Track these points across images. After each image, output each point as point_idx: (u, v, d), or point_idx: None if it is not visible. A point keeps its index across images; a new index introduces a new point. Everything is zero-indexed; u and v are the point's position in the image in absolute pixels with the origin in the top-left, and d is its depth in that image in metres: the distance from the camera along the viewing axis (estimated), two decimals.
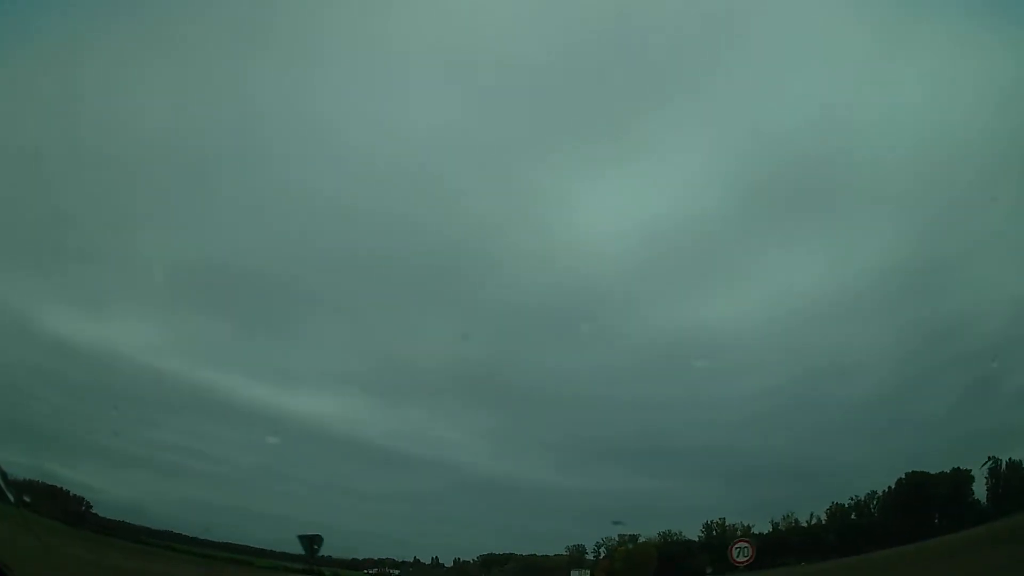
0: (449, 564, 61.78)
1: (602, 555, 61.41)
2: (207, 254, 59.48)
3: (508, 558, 61.41)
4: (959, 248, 53.35)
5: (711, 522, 56.68)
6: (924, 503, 43.48)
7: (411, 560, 60.49)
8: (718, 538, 53.91)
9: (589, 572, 59.11)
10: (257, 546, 54.52)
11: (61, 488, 41.30)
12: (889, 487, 47.31)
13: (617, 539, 60.50)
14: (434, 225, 62.03)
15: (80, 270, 55.59)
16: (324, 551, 53.38)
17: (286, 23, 57.57)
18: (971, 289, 52.36)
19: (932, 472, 44.98)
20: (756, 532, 53.58)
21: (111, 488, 48.08)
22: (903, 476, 45.87)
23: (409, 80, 62.13)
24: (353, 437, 62.73)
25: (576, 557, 61.61)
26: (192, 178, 60.11)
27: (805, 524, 52.66)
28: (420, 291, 62.44)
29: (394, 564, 60.26)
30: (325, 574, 54.20)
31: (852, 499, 50.47)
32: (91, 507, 44.56)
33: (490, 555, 61.81)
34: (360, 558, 58.86)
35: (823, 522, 51.92)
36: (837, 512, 51.61)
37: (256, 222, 61.42)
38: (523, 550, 61.32)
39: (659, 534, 58.42)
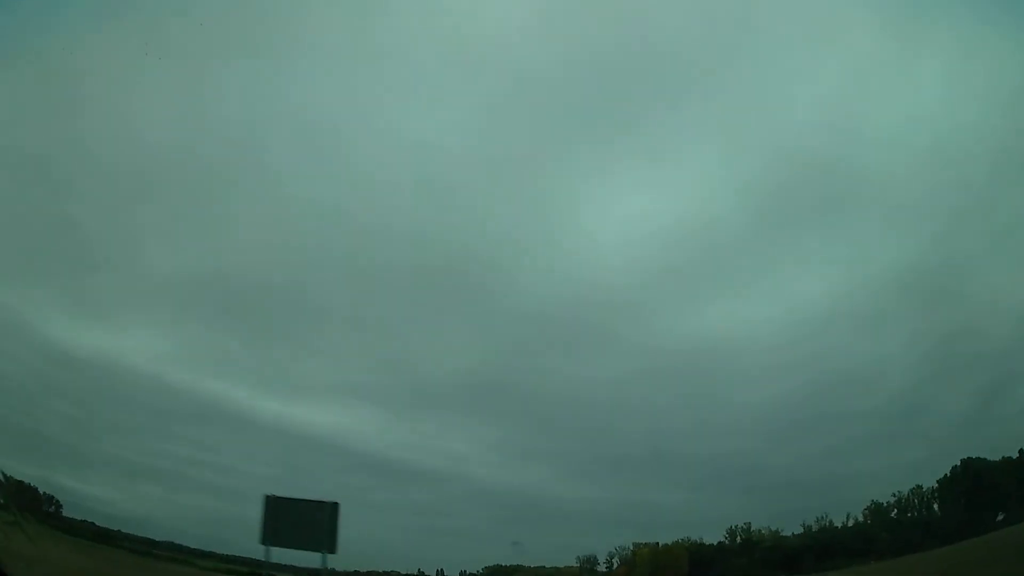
0: None
1: (616, 565, 57.87)
2: (216, 265, 59.22)
3: (516, 570, 58.60)
4: (972, 252, 52.39)
5: (735, 527, 52.88)
6: (984, 493, 39.48)
7: (415, 572, 57.82)
8: (745, 543, 50.32)
9: None
10: (260, 558, 53.28)
11: (29, 485, 39.59)
12: (945, 475, 43.30)
13: (632, 547, 57.01)
14: (444, 235, 61.55)
15: (87, 281, 55.39)
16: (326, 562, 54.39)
17: (296, 35, 57.35)
18: (985, 292, 50.81)
19: (991, 459, 41.34)
20: (786, 535, 50.36)
21: (114, 497, 48.49)
22: (958, 464, 41.98)
23: (418, 90, 62.47)
24: (361, 448, 61.78)
25: (587, 569, 58.89)
26: (202, 189, 60.48)
27: (840, 526, 48.44)
28: (430, 302, 62.18)
29: None
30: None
31: (896, 495, 46.53)
32: (61, 507, 43.71)
33: (497, 566, 59.30)
34: (363, 570, 55.78)
35: (865, 522, 47.75)
36: (878, 511, 47.56)
37: (264, 233, 60.99)
38: (533, 561, 58.69)
39: (679, 541, 54.22)
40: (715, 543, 52.47)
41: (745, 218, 61.77)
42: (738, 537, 52.84)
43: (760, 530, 52.31)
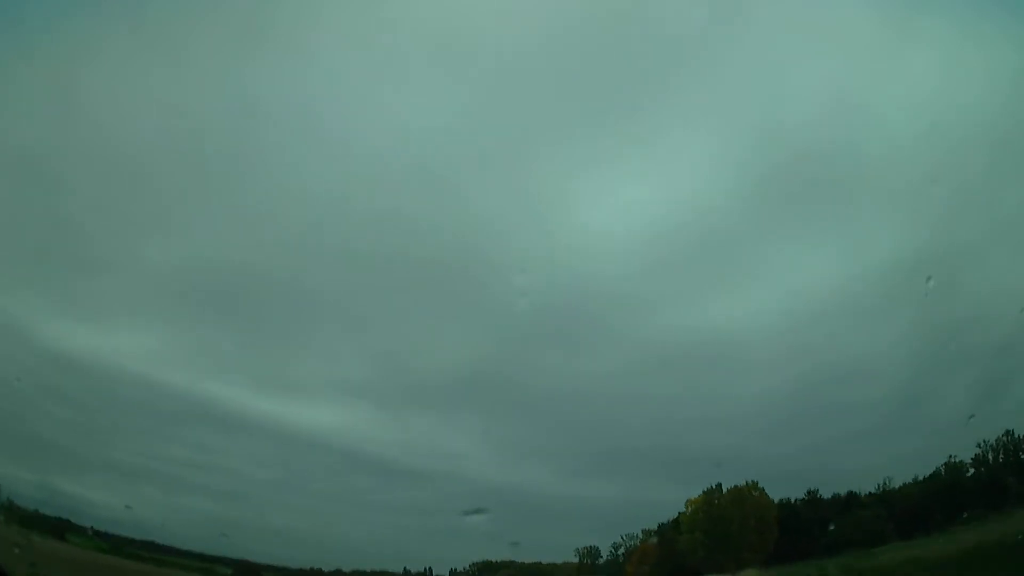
0: (444, 574, 57.27)
1: (622, 556, 55.53)
2: (208, 262, 57.35)
3: (507, 565, 57.01)
4: (973, 239, 51.96)
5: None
6: None
7: (400, 571, 55.85)
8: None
9: None
10: (255, 560, 50.85)
11: None
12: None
13: (641, 534, 54.54)
14: (437, 226, 59.22)
15: (80, 279, 53.65)
16: (310, 563, 53.99)
17: (283, 21, 54.80)
18: (987, 281, 50.66)
19: None
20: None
21: (107, 500, 45.92)
22: None
23: (408, 75, 58.48)
24: (358, 449, 58.53)
25: (587, 565, 56.95)
26: (193, 184, 57.39)
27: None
28: (425, 295, 59.22)
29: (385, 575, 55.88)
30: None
31: (980, 444, 42.65)
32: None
33: (486, 562, 58.05)
34: (347, 570, 54.46)
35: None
36: (955, 468, 44.46)
37: (258, 227, 58.16)
38: (528, 559, 56.65)
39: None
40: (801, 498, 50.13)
41: (741, 207, 60.02)
42: None
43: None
